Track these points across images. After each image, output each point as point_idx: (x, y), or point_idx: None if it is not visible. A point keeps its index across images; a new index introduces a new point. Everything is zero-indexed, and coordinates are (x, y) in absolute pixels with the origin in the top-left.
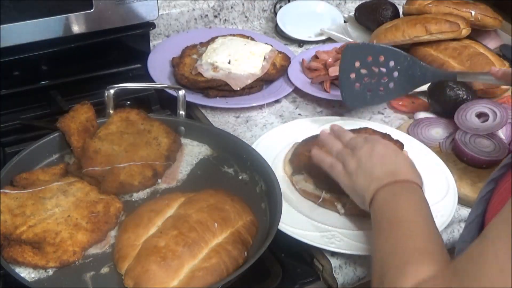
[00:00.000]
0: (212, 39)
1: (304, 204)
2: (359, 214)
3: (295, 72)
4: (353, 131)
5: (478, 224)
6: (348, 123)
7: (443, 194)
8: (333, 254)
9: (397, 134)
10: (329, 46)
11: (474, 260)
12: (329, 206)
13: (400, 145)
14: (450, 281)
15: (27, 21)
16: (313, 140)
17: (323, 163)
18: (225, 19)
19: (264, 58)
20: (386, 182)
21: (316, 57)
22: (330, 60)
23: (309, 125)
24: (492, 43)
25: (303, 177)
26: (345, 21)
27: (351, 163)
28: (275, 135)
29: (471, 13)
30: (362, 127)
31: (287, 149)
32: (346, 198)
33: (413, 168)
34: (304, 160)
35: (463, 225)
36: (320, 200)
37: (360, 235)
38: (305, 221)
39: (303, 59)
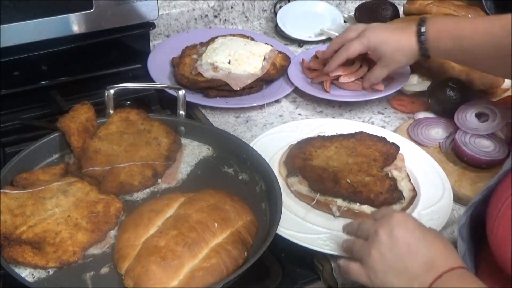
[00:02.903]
0: (212, 39)
1: (299, 206)
2: (354, 217)
3: (295, 72)
4: (348, 136)
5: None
6: (348, 123)
7: (439, 197)
8: (333, 254)
9: (392, 137)
10: None
11: None
12: (323, 209)
13: (395, 148)
14: None
15: (27, 21)
16: (308, 142)
17: (339, 269)
18: (225, 19)
19: (264, 58)
20: (429, 280)
21: (316, 57)
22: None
23: (307, 126)
24: None
25: (297, 179)
26: (345, 21)
27: (371, 260)
28: (272, 136)
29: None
30: (357, 131)
31: (283, 150)
32: (341, 201)
33: (446, 246)
34: (299, 162)
35: None
36: (314, 202)
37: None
38: (300, 223)
39: (303, 59)
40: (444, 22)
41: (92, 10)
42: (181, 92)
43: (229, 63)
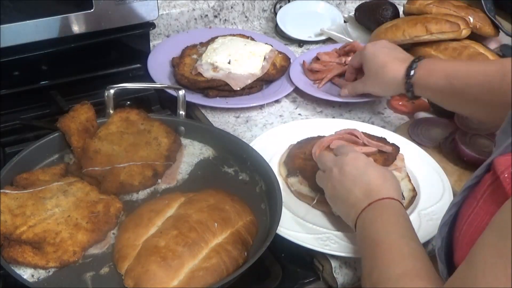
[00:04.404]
0: (212, 39)
1: (299, 206)
2: None
3: (295, 72)
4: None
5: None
6: (348, 124)
7: (439, 197)
8: (333, 254)
9: (393, 137)
10: (329, 47)
11: (464, 282)
12: (323, 208)
13: (395, 148)
14: None
15: (27, 21)
16: (308, 142)
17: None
18: (225, 19)
19: (264, 58)
20: (362, 206)
21: (317, 58)
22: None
23: (306, 126)
24: (492, 43)
25: (298, 179)
26: (345, 21)
27: (327, 190)
28: (272, 136)
29: (470, 19)
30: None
31: (283, 150)
32: None
33: (386, 180)
34: (299, 162)
35: None
36: (314, 202)
37: (355, 237)
38: (300, 223)
39: (303, 60)
40: (440, 62)
41: (92, 10)
42: (181, 92)
43: (229, 63)
